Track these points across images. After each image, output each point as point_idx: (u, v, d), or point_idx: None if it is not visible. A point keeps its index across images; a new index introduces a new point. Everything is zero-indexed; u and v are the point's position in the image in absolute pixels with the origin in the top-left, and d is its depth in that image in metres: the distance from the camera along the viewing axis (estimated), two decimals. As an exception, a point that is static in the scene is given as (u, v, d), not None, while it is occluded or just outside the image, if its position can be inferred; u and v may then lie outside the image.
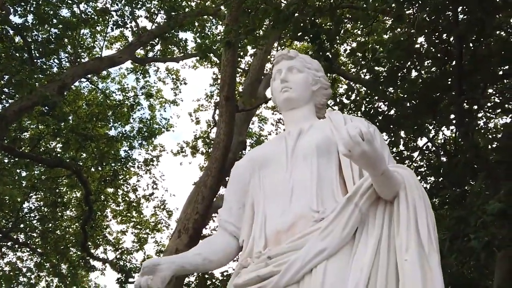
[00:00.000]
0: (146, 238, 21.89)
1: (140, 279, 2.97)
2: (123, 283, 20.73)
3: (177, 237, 11.44)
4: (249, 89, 15.93)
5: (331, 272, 2.80)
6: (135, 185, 21.07)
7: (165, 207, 21.62)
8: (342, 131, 2.73)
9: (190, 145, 21.06)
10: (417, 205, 2.86)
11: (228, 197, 3.58)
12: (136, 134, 20.36)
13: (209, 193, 11.78)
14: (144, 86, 21.12)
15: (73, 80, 16.73)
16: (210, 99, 21.22)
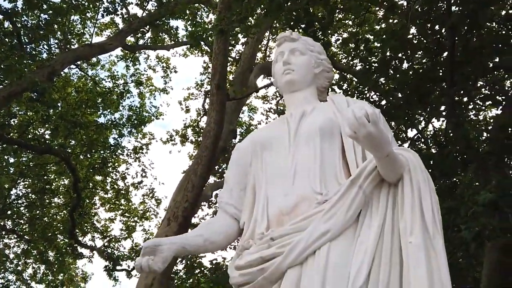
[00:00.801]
0: (134, 226, 21.87)
1: (141, 259, 2.97)
2: (110, 271, 20.73)
3: (167, 224, 11.43)
4: (240, 78, 15.91)
5: (335, 254, 2.81)
6: (124, 173, 21.01)
7: (153, 195, 21.61)
8: (347, 112, 2.71)
9: (179, 134, 20.99)
10: (421, 188, 2.86)
11: (229, 179, 3.57)
12: (126, 121, 20.27)
13: (199, 181, 11.76)
14: (134, 74, 21.03)
15: (63, 67, 16.60)
16: (200, 87, 21.16)
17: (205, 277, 18.30)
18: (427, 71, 10.83)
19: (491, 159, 8.65)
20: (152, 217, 21.85)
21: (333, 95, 3.67)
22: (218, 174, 18.01)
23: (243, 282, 3.05)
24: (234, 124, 15.55)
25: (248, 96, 17.15)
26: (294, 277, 2.84)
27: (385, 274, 2.72)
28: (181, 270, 18.24)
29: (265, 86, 18.58)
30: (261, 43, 17.95)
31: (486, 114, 14.17)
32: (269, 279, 2.92)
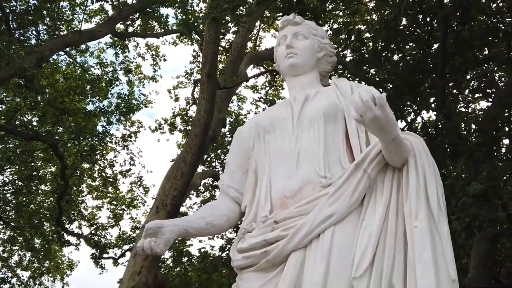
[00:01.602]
0: (122, 214, 21.76)
1: (143, 241, 2.96)
2: (97, 259, 20.67)
3: (155, 212, 11.37)
4: (230, 67, 15.85)
5: (339, 238, 2.83)
6: (112, 160, 20.89)
7: (141, 183, 21.52)
8: (353, 95, 2.71)
9: (168, 122, 20.92)
10: (426, 172, 2.87)
11: (230, 162, 3.58)
12: (114, 109, 20.14)
13: (188, 169, 11.72)
14: (123, 61, 20.86)
15: (52, 53, 16.43)
16: (189, 76, 21.08)
17: (193, 266, 18.32)
18: (418, 63, 10.87)
19: (481, 151, 8.72)
20: (139, 205, 21.78)
21: (336, 80, 3.68)
22: (207, 163, 17.99)
23: (246, 264, 3.06)
24: (223, 113, 15.49)
25: (238, 86, 17.10)
26: (298, 260, 2.85)
27: (390, 258, 2.74)
28: (168, 259, 18.23)
29: (255, 76, 18.56)
30: (251, 32, 17.90)
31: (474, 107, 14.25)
32: (272, 261, 2.94)
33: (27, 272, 22.60)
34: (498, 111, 9.95)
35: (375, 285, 2.68)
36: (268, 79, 20.17)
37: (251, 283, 2.98)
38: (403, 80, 10.43)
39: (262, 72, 19.15)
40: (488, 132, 9.28)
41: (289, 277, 2.82)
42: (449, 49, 10.18)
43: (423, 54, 11.27)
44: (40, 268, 22.60)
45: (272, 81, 20.04)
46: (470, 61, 10.73)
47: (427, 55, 11.19)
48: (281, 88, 20.49)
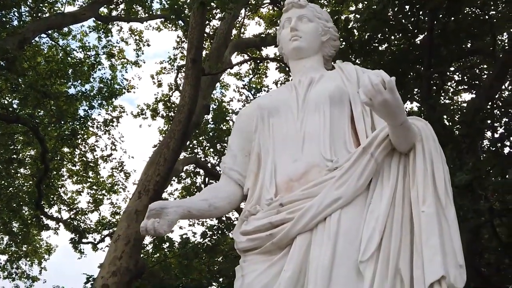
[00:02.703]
0: (102, 199, 21.62)
1: (146, 221, 2.95)
2: (76, 243, 20.57)
3: (137, 198, 11.35)
4: (215, 54, 15.79)
5: (346, 221, 2.83)
6: (93, 145, 20.71)
7: (123, 168, 21.38)
8: (363, 78, 2.70)
9: (150, 108, 20.78)
10: (434, 158, 2.88)
11: (232, 145, 3.56)
12: (96, 93, 19.95)
13: (172, 155, 11.69)
14: (106, 46, 20.68)
15: (34, 35, 16.28)
16: (173, 62, 20.93)
17: (173, 252, 18.32)
18: (404, 53, 10.92)
19: (465, 142, 8.79)
20: (120, 190, 21.64)
21: (341, 63, 3.67)
22: (189, 149, 17.94)
23: (250, 247, 3.06)
24: (207, 99, 15.46)
25: (222, 72, 17.05)
26: (303, 243, 2.86)
27: (396, 242, 2.76)
28: (147, 245, 18.21)
29: (239, 63, 18.51)
30: (236, 19, 17.84)
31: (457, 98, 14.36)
32: (277, 244, 2.93)
33: (4, 255, 22.41)
34: (483, 103, 10.04)
35: (382, 269, 2.70)
36: (252, 66, 20.11)
37: (255, 266, 2.98)
38: (389, 70, 10.41)
39: (246, 59, 19.09)
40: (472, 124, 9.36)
41: (294, 260, 2.82)
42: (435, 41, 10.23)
43: (409, 44, 11.32)
44: (18, 252, 22.41)
45: (255, 69, 19.98)
46: (455, 53, 10.81)
47: (412, 45, 11.24)
48: (264, 76, 20.48)
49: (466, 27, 10.64)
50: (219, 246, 17.85)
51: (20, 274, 23.53)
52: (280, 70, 18.12)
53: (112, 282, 10.12)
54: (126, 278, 10.35)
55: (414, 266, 2.72)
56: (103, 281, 10.14)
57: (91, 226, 21.23)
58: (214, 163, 19.03)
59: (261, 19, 20.20)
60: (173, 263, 18.41)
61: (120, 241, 10.54)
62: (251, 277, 2.95)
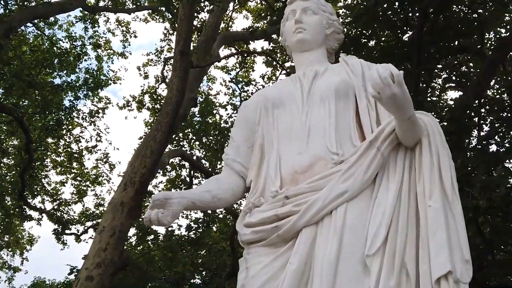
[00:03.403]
0: (86, 191, 21.51)
1: (150, 212, 2.92)
2: (59, 234, 20.47)
3: (123, 189, 11.28)
4: (203, 46, 15.72)
5: (352, 215, 2.83)
6: (78, 136, 20.58)
7: (107, 160, 21.28)
8: (371, 71, 2.69)
9: (136, 100, 20.67)
10: (440, 152, 2.88)
11: (235, 136, 3.54)
12: (82, 84, 19.82)
13: (158, 147, 11.65)
14: (93, 36, 20.51)
15: (21, 24, 16.09)
16: (160, 54, 20.83)
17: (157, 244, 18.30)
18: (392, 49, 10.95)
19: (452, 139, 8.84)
20: (104, 182, 21.56)
21: (345, 57, 3.65)
22: (175, 142, 17.89)
23: (255, 239, 3.05)
24: (194, 92, 15.39)
25: (210, 65, 17.00)
26: (309, 236, 2.85)
27: (402, 236, 2.76)
28: (131, 237, 18.18)
29: (227, 56, 18.47)
30: (225, 12, 17.79)
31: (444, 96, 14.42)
32: (283, 236, 2.93)
33: (-15, 246, 22.28)
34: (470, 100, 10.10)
35: (388, 263, 2.70)
36: (239, 60, 20.07)
37: (260, 258, 2.97)
38: (377, 66, 10.43)
39: (234, 53, 19.05)
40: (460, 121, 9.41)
41: (300, 253, 2.82)
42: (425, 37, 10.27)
43: (397, 41, 11.36)
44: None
45: (243, 62, 19.95)
46: (443, 50, 10.86)
47: (401, 42, 11.28)
48: (251, 70, 20.43)
49: (454, 24, 10.70)
50: (203, 239, 17.85)
51: (2, 264, 23.46)
52: (267, 64, 18.14)
53: (96, 273, 10.07)
54: (111, 270, 10.31)
55: (420, 260, 2.72)
56: (88, 273, 10.09)
57: (74, 217, 21.13)
58: (200, 156, 19.02)
59: (249, 13, 20.17)
60: (157, 255, 18.38)
61: (105, 232, 10.49)
62: (256, 269, 2.95)
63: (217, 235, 19.68)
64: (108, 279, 10.30)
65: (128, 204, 10.81)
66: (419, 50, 9.96)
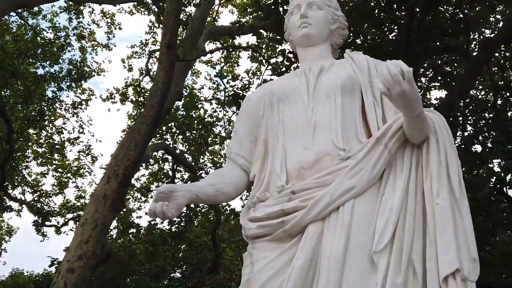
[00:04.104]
0: (67, 182, 21.40)
1: (154, 204, 2.89)
2: (39, 226, 20.35)
3: (106, 182, 11.21)
4: (189, 40, 15.66)
5: (359, 211, 2.83)
6: (61, 127, 20.44)
7: (90, 152, 21.17)
8: (381, 68, 2.68)
9: (120, 92, 20.56)
10: (448, 150, 2.88)
11: (239, 130, 3.53)
12: (65, 75, 19.68)
13: (143, 140, 11.57)
14: (77, 27, 20.38)
15: (4, 13, 15.89)
16: (144, 47, 20.74)
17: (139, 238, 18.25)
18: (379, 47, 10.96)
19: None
20: (86, 174, 21.47)
21: (350, 52, 3.64)
22: (158, 135, 17.83)
23: (260, 234, 3.03)
24: (180, 86, 15.34)
25: (196, 59, 16.95)
26: (316, 232, 2.84)
27: (410, 234, 2.76)
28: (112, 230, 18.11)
29: (213, 50, 18.43)
30: (212, 6, 17.76)
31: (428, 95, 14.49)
32: (289, 232, 2.92)
33: (-36, 235, 22.10)
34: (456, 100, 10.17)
35: (396, 260, 2.70)
36: (224, 54, 20.04)
37: (265, 253, 2.96)
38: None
39: (219, 47, 19.00)
40: (446, 120, 9.41)
41: (306, 248, 2.80)
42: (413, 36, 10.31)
43: (384, 39, 11.39)
44: (-22, 233, 22.15)
45: (228, 57, 19.93)
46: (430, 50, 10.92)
47: (387, 40, 11.31)
48: (236, 64, 20.41)
49: (441, 24, 10.75)
50: (185, 233, 17.83)
51: (-20, 255, 23.28)
52: (252, 59, 18.13)
53: (78, 266, 10.00)
54: (92, 262, 10.25)
55: (427, 258, 2.72)
56: (69, 265, 10.02)
57: (55, 209, 21.02)
58: (183, 150, 18.98)
59: (234, 7, 20.13)
60: (139, 249, 18.34)
61: (87, 225, 10.42)
62: (262, 264, 2.93)
63: (199, 229, 19.67)
64: (89, 271, 10.25)
65: (111, 197, 10.74)
66: (407, 49, 9.99)
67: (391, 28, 11.25)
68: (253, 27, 14.55)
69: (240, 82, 15.72)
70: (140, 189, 19.97)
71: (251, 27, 14.88)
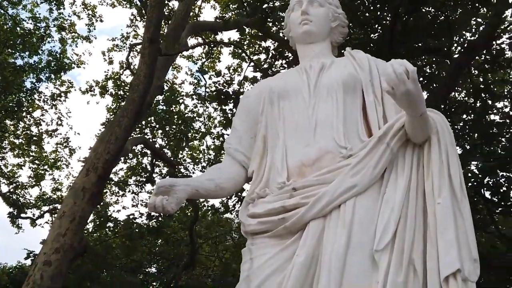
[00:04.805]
0: (44, 175, 21.20)
1: (155, 198, 2.88)
2: (14, 218, 20.15)
3: (85, 175, 11.11)
4: (172, 34, 15.56)
5: (360, 209, 2.84)
6: (39, 119, 20.23)
7: (68, 144, 20.97)
8: (386, 67, 2.69)
9: (99, 85, 20.38)
10: (449, 151, 2.90)
11: (238, 126, 3.53)
12: (45, 66, 19.47)
13: (123, 134, 11.49)
14: (57, 18, 20.15)
15: (-17, 2, 15.75)
16: (125, 40, 20.58)
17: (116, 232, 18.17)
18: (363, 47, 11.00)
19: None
20: (63, 166, 21.26)
21: (351, 51, 3.65)
22: (138, 129, 17.72)
23: (261, 230, 3.04)
24: (161, 80, 15.24)
25: (179, 54, 16.86)
26: (317, 229, 2.85)
27: (411, 233, 2.78)
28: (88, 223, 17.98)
29: (196, 46, 18.38)
30: (195, 2, 17.68)
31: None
32: (289, 228, 2.92)
33: None
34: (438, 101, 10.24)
35: (397, 259, 2.72)
36: (205, 50, 19.98)
37: (266, 249, 2.96)
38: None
39: (202, 43, 18.91)
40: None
41: (307, 245, 2.81)
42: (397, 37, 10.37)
43: (368, 39, 11.44)
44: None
45: (209, 53, 19.87)
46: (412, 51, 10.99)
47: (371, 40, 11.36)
48: (217, 60, 20.34)
49: (425, 26, 10.83)
50: (163, 228, 17.79)
51: (-47, 246, 22.97)
52: (233, 55, 18.10)
53: (54, 258, 9.90)
54: (70, 255, 10.16)
55: (428, 257, 2.74)
56: (46, 257, 9.92)
57: (30, 201, 20.80)
58: (162, 145, 18.90)
59: (216, 3, 20.05)
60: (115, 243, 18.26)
61: (65, 218, 10.33)
62: (262, 260, 2.94)
63: (176, 225, 19.63)
64: (66, 264, 10.16)
65: (90, 190, 10.65)
66: (390, 49, 10.05)
67: (374, 28, 11.31)
68: (238, 23, 14.53)
69: (223, 78, 15.68)
70: (117, 183, 19.84)
71: (236, 23, 14.86)
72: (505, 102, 13.63)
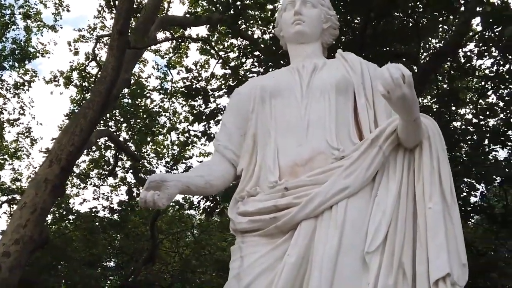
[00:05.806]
0: (3, 164, 20.84)
1: (145, 193, 2.86)
2: (-30, 207, 19.79)
3: (48, 166, 10.96)
4: (141, 28, 15.44)
5: (352, 211, 2.86)
6: (1, 107, 19.87)
7: (29, 134, 20.64)
8: (382, 71, 2.70)
9: (64, 75, 20.10)
10: (440, 156, 2.94)
11: (227, 123, 3.51)
12: (8, 54, 19.12)
13: (88, 126, 11.35)
14: (23, 6, 19.82)
15: None
16: (92, 31, 20.34)
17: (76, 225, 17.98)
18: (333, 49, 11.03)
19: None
20: (23, 157, 20.94)
21: (342, 53, 3.67)
22: (102, 122, 17.55)
23: (251, 228, 3.04)
24: (129, 73, 15.12)
25: (147, 47, 16.72)
26: (308, 229, 2.86)
27: (401, 236, 2.81)
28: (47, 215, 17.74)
29: (165, 40, 18.27)
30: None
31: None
32: (281, 228, 2.93)
33: None
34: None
35: (387, 261, 2.74)
36: (173, 45, 19.87)
37: (256, 248, 2.97)
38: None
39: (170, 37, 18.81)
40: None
41: (299, 245, 2.83)
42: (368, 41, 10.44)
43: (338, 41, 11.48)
44: None
45: (177, 48, 19.76)
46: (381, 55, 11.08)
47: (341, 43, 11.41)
48: (185, 56, 20.24)
49: (394, 31, 10.94)
50: (124, 222, 17.67)
51: None
52: (201, 51, 18.05)
53: (14, 250, 9.76)
54: (29, 247, 10.02)
55: (417, 261, 2.78)
56: (5, 248, 9.77)
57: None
58: (126, 138, 18.76)
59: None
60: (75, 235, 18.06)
61: (26, 209, 10.18)
62: (252, 259, 2.94)
63: (137, 219, 19.50)
64: (26, 256, 10.02)
65: (52, 182, 10.52)
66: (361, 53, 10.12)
67: (344, 31, 11.38)
68: (210, 19, 14.50)
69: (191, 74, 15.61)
70: (79, 175, 19.62)
71: (207, 19, 14.82)
72: (467, 109, 13.89)
